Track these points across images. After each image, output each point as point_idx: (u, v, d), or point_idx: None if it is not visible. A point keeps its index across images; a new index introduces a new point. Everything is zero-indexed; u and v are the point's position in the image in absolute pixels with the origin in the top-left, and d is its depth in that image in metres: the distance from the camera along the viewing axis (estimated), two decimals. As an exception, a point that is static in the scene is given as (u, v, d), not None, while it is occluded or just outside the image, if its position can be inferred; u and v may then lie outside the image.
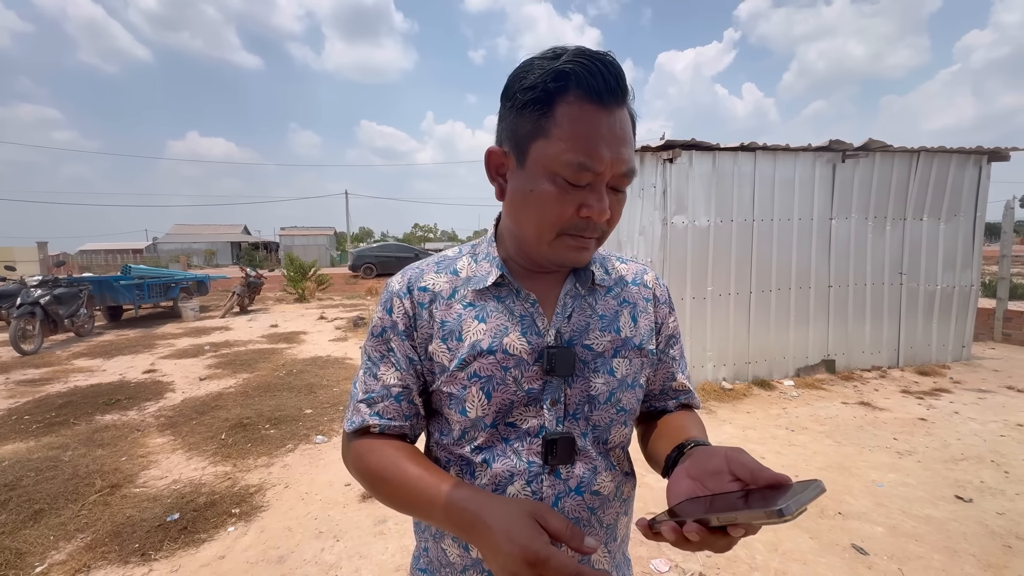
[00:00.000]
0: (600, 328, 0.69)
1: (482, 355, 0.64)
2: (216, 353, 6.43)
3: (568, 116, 0.55)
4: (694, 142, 4.22)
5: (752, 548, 2.19)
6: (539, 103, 0.56)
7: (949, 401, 4.12)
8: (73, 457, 3.19)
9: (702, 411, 3.97)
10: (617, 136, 0.57)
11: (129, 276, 8.98)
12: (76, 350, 6.77)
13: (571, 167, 0.56)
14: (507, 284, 0.68)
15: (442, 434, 0.69)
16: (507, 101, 0.60)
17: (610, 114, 0.56)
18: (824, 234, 4.81)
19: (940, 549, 2.17)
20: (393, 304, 0.68)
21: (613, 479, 0.69)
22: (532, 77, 0.57)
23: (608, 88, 0.55)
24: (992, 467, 2.93)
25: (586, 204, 0.58)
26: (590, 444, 0.67)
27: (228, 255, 42.56)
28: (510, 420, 0.65)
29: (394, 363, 0.67)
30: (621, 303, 0.72)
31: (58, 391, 4.74)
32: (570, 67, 0.55)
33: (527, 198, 0.60)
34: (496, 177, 0.64)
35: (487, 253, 0.70)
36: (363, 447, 0.66)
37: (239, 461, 3.17)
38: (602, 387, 0.67)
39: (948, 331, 5.29)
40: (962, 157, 5.05)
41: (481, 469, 0.65)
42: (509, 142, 0.61)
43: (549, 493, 0.65)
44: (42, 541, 2.30)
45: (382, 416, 0.66)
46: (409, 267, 0.72)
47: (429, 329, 0.67)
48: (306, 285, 12.75)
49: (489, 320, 0.65)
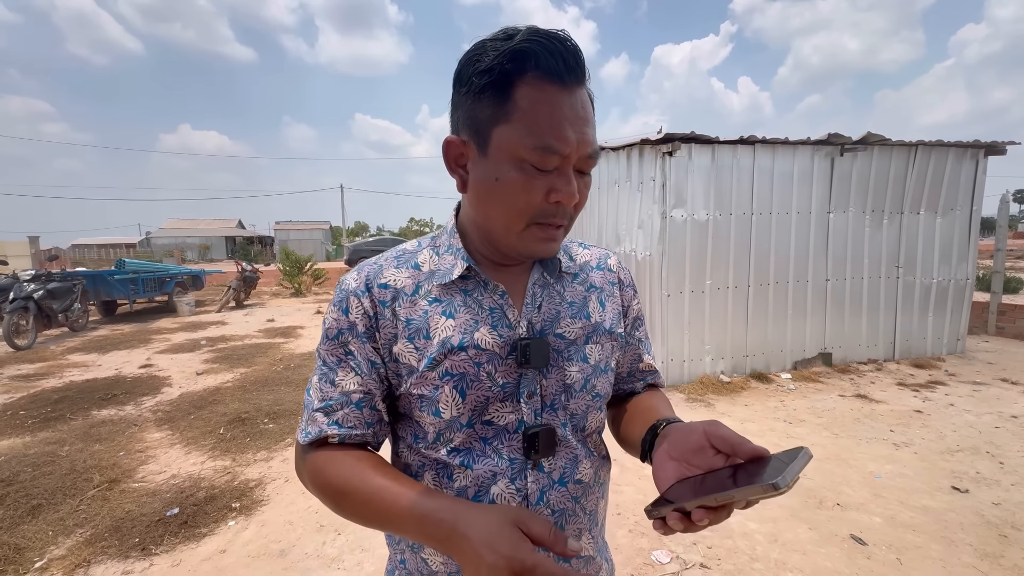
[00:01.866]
0: (571, 316, 0.67)
1: (453, 352, 0.61)
2: (212, 348, 6.40)
3: (529, 98, 0.53)
4: (693, 135, 4.21)
5: (752, 539, 2.21)
6: (497, 86, 0.54)
7: (944, 393, 4.16)
8: (70, 452, 3.17)
9: (702, 404, 3.99)
10: (580, 116, 0.55)
11: (123, 270, 8.91)
12: (70, 345, 6.71)
13: (537, 151, 0.54)
14: (474, 276, 0.64)
15: (415, 439, 0.65)
16: (461, 87, 0.57)
17: (572, 94, 0.54)
18: (822, 228, 4.82)
19: (937, 539, 2.19)
20: (350, 304, 0.63)
21: (592, 465, 0.69)
22: (487, 60, 0.54)
23: (568, 67, 0.53)
24: (987, 458, 2.96)
25: (555, 189, 0.56)
26: (570, 433, 0.66)
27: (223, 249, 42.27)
28: (487, 418, 0.62)
29: (353, 367, 0.62)
30: (588, 289, 0.71)
31: (53, 386, 4.71)
32: (526, 46, 0.52)
33: (493, 187, 0.57)
34: (456, 168, 0.61)
35: (450, 245, 0.66)
36: (321, 460, 0.60)
37: (238, 455, 3.16)
38: (577, 375, 0.66)
39: (943, 324, 5.33)
40: (959, 151, 5.07)
41: (459, 472, 0.62)
42: (468, 130, 0.58)
43: (534, 488, 0.63)
44: (41, 536, 2.29)
45: (341, 425, 0.61)
46: (365, 263, 0.66)
47: (393, 329, 0.62)
48: (302, 279, 12.70)
49: (458, 315, 0.62)
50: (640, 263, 4.60)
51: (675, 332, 4.43)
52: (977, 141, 5.04)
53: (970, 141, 5.02)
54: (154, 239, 43.35)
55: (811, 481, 2.70)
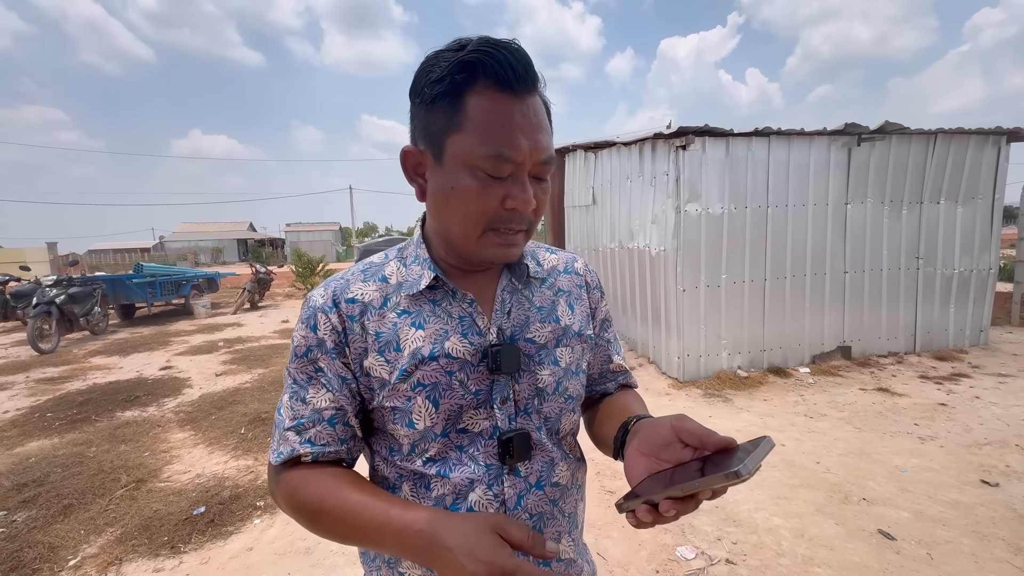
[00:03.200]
0: (540, 320, 0.68)
1: (424, 363, 0.61)
2: (230, 349, 6.48)
3: (480, 107, 0.54)
4: (707, 128, 4.16)
5: (778, 535, 2.19)
6: (448, 96, 0.54)
7: (969, 386, 4.08)
8: (97, 453, 3.24)
9: (720, 400, 3.96)
10: (532, 124, 0.55)
11: (141, 274, 9.06)
12: (92, 348, 6.85)
13: (489, 159, 0.54)
14: (442, 286, 0.65)
15: (391, 451, 0.65)
16: (416, 98, 0.58)
17: (522, 102, 0.55)
18: (839, 219, 4.74)
19: (968, 533, 2.15)
20: (318, 320, 0.62)
21: (569, 467, 0.70)
22: (438, 71, 0.55)
23: (517, 75, 0.54)
24: (1017, 451, 2.90)
25: (510, 195, 0.56)
26: (544, 436, 0.67)
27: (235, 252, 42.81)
28: (461, 426, 0.63)
29: (324, 384, 0.62)
30: (556, 293, 0.72)
31: (78, 389, 4.81)
32: (475, 56, 0.53)
33: (448, 196, 0.57)
34: (415, 177, 0.62)
35: (416, 256, 0.67)
36: (295, 479, 0.60)
37: (260, 455, 3.20)
38: (549, 378, 0.66)
39: (965, 316, 5.22)
40: (980, 138, 4.95)
41: (437, 481, 0.62)
42: (424, 140, 0.59)
43: (511, 493, 0.63)
44: (73, 535, 2.34)
45: (314, 443, 0.61)
46: (332, 278, 0.67)
47: (362, 343, 0.62)
48: (315, 280, 12.81)
49: (427, 325, 0.62)
50: (655, 258, 4.57)
51: (691, 327, 4.40)
52: (999, 128, 4.92)
53: (992, 128, 4.91)
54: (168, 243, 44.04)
55: (835, 476, 2.67)
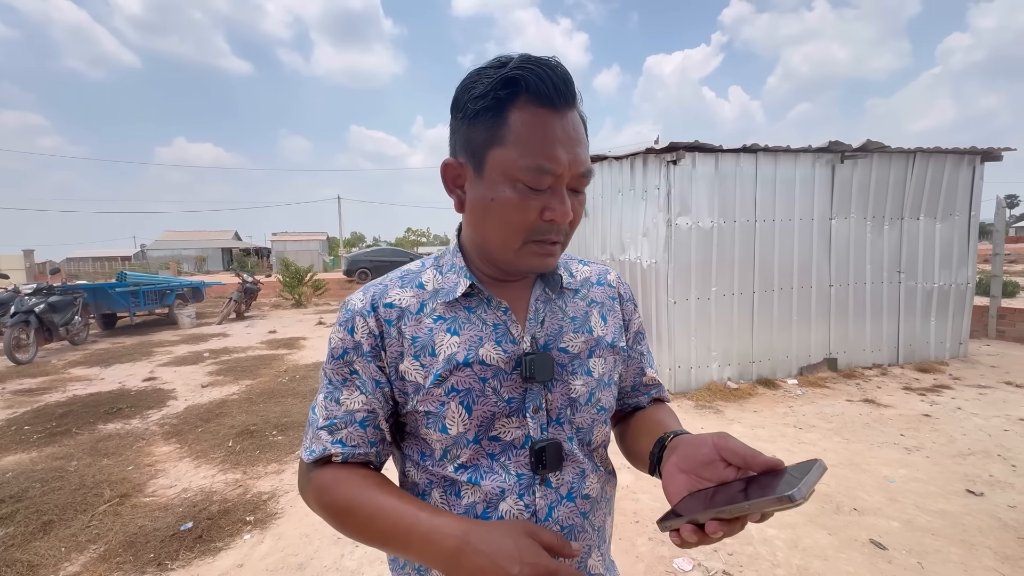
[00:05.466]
0: (573, 330, 0.69)
1: (459, 368, 0.62)
2: (216, 360, 6.36)
3: (522, 122, 0.56)
4: (697, 144, 4.26)
5: (772, 546, 2.20)
6: (491, 111, 0.56)
7: (951, 397, 4.18)
8: (79, 467, 3.14)
9: (711, 411, 3.99)
10: (572, 138, 0.57)
11: (124, 283, 8.87)
12: (72, 358, 6.67)
13: (530, 172, 0.56)
14: (477, 294, 0.66)
15: (422, 456, 0.65)
16: (458, 113, 0.60)
17: (563, 117, 0.57)
18: (824, 234, 4.87)
19: (956, 542, 2.19)
20: (356, 323, 0.64)
21: (599, 480, 0.69)
22: (481, 87, 0.57)
23: (558, 91, 0.56)
24: (999, 461, 2.97)
25: (548, 207, 0.58)
26: (576, 447, 0.67)
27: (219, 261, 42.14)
28: (493, 433, 0.63)
29: (359, 386, 0.63)
30: (589, 304, 0.73)
31: (57, 400, 4.67)
32: (518, 73, 0.55)
33: (489, 207, 0.59)
34: (454, 189, 0.63)
35: (452, 264, 0.68)
36: (326, 478, 0.61)
37: (249, 468, 3.14)
38: (582, 388, 0.67)
39: (946, 328, 5.37)
40: (956, 157, 5.15)
41: (467, 489, 0.62)
42: (464, 153, 0.60)
43: (542, 504, 0.63)
44: (53, 553, 2.26)
45: (345, 444, 0.62)
46: (370, 284, 0.68)
47: (399, 347, 0.63)
48: (302, 290, 12.68)
49: (462, 332, 0.63)
50: (646, 271, 4.63)
51: (682, 339, 4.45)
52: (974, 147, 5.12)
53: (967, 147, 5.11)
54: (150, 251, 43.19)
55: (826, 487, 2.71)
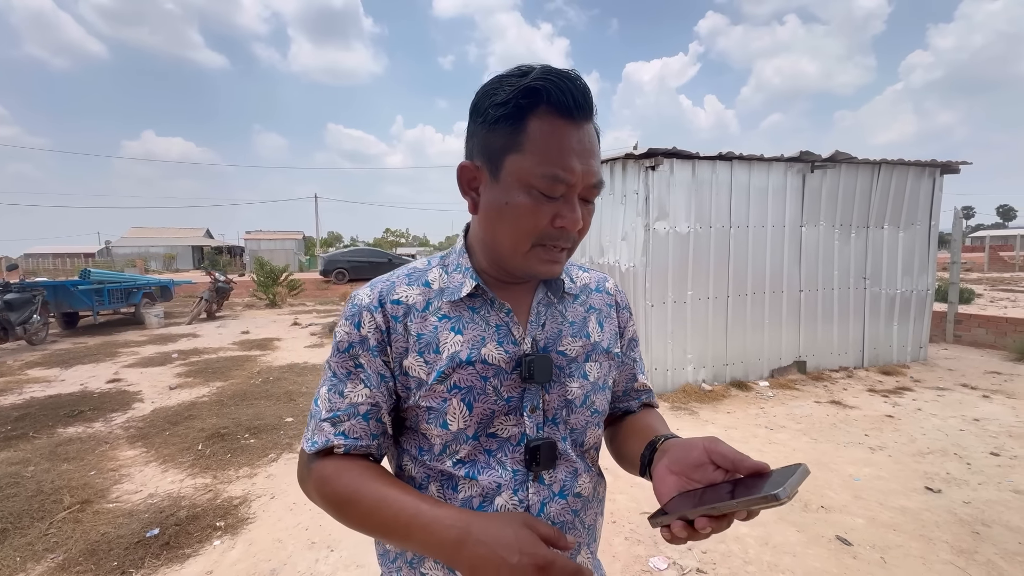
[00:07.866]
0: (571, 334, 0.71)
1: (461, 366, 0.64)
2: (185, 361, 6.16)
3: (541, 131, 0.57)
4: (675, 151, 4.35)
5: (744, 543, 2.26)
6: (511, 119, 0.58)
7: (912, 399, 4.37)
8: (36, 473, 2.99)
9: (686, 412, 4.07)
10: (587, 149, 0.59)
11: (88, 280, 8.50)
12: (29, 359, 6.36)
13: (545, 180, 0.58)
14: (481, 295, 0.68)
15: (420, 451, 0.67)
16: (477, 117, 0.61)
17: (579, 128, 0.59)
18: (795, 241, 5.03)
19: (916, 537, 2.29)
20: (363, 318, 0.65)
21: (591, 480, 0.72)
22: (503, 94, 0.58)
23: (577, 104, 0.58)
24: (955, 459, 3.12)
25: (560, 215, 0.60)
26: (569, 447, 0.69)
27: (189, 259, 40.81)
28: (491, 430, 0.65)
29: (363, 380, 0.64)
30: (588, 310, 0.75)
31: (12, 403, 4.44)
32: (540, 84, 0.57)
33: (502, 210, 0.61)
34: (469, 191, 0.65)
35: (458, 264, 0.69)
36: (328, 469, 0.62)
37: (219, 472, 3.05)
38: (577, 391, 0.69)
39: (907, 333, 5.61)
40: (918, 169, 5.39)
41: (465, 483, 0.64)
42: (481, 156, 0.62)
43: (535, 500, 0.66)
44: (8, 563, 2.15)
45: (348, 436, 0.63)
46: (377, 280, 0.70)
47: (404, 343, 0.65)
48: (277, 291, 12.39)
49: (466, 331, 0.65)
50: (624, 274, 4.69)
51: (659, 341, 4.52)
52: (934, 160, 5.37)
53: (928, 160, 5.35)
54: (115, 248, 41.51)
55: (795, 485, 2.79)
